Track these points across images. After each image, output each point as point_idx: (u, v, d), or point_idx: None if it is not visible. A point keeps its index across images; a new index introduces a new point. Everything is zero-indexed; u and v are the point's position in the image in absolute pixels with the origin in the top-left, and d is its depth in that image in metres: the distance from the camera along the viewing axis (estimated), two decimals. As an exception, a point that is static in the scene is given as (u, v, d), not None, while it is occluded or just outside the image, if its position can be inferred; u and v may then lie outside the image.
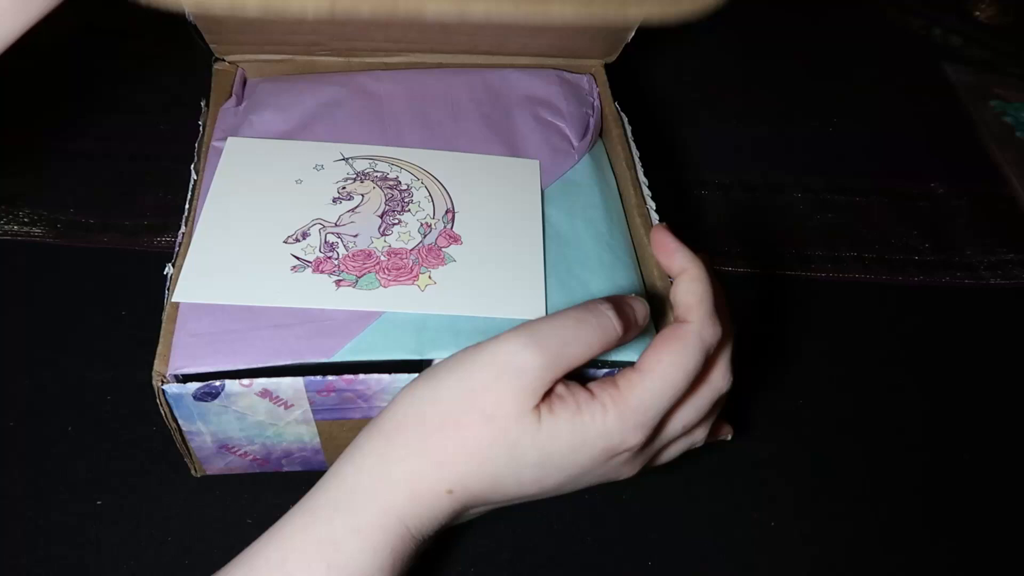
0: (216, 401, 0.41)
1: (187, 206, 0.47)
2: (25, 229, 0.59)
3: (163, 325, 0.43)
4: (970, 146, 0.75)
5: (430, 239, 0.44)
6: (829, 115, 0.77)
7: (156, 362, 0.41)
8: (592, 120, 0.56)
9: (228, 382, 0.41)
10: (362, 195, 0.46)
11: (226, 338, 0.41)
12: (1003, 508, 0.51)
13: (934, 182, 0.71)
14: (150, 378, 0.41)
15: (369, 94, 0.55)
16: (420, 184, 0.47)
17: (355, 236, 0.44)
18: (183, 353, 0.41)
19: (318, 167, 0.47)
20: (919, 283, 0.63)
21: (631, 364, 0.43)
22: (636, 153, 0.56)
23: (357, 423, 0.43)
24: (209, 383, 0.40)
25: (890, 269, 0.64)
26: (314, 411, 0.43)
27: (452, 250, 0.44)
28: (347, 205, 0.45)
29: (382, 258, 0.43)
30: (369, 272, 0.43)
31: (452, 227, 0.45)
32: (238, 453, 0.46)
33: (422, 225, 0.45)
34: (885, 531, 0.49)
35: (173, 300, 0.41)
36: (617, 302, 0.37)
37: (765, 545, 0.48)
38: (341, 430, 0.44)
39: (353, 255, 0.43)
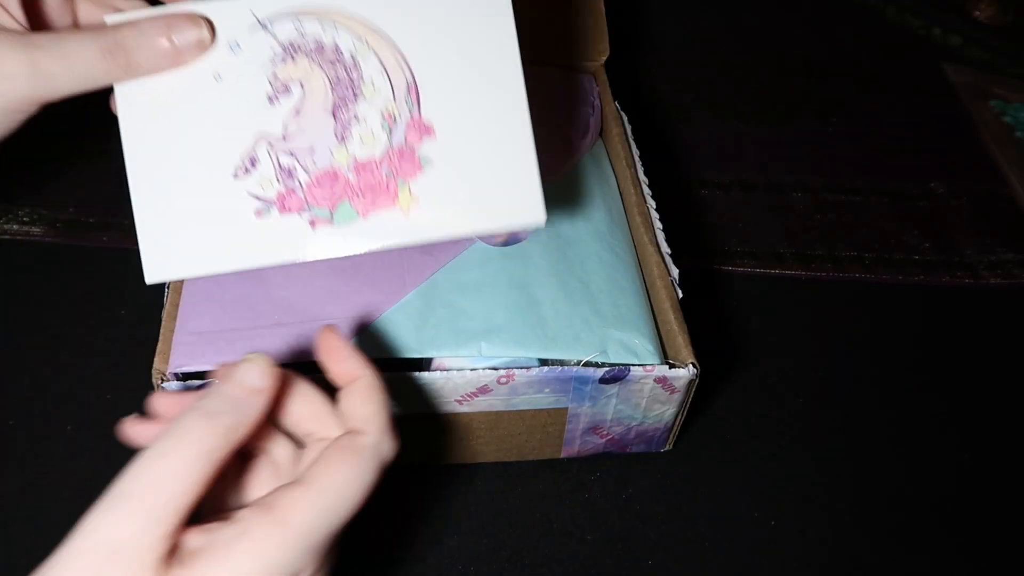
0: (216, 400, 0.41)
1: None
2: (25, 229, 0.59)
3: (163, 323, 0.43)
4: (970, 146, 0.75)
5: (398, 136, 0.37)
6: (829, 115, 0.77)
7: (156, 360, 0.41)
8: (592, 119, 0.56)
9: (228, 381, 0.40)
10: (301, 83, 0.36)
11: (226, 336, 0.42)
12: (1003, 507, 0.51)
13: (934, 182, 0.71)
14: (150, 377, 0.41)
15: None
16: (366, 47, 0.37)
17: (310, 150, 0.37)
18: (183, 351, 0.41)
19: (233, 46, 0.36)
20: (919, 283, 0.63)
21: (625, 366, 0.43)
22: (636, 152, 0.56)
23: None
24: (209, 381, 0.40)
25: (890, 269, 0.64)
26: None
27: (427, 149, 0.37)
28: (287, 103, 0.36)
29: (350, 177, 0.37)
30: (342, 200, 0.37)
31: (420, 112, 0.37)
32: (238, 452, 0.46)
33: (384, 117, 0.37)
34: (885, 531, 0.49)
35: (147, 281, 0.36)
36: (210, 397, 0.30)
37: (765, 545, 0.48)
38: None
39: (317, 179, 0.37)
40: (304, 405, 0.33)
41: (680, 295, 0.47)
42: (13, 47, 0.32)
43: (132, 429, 0.33)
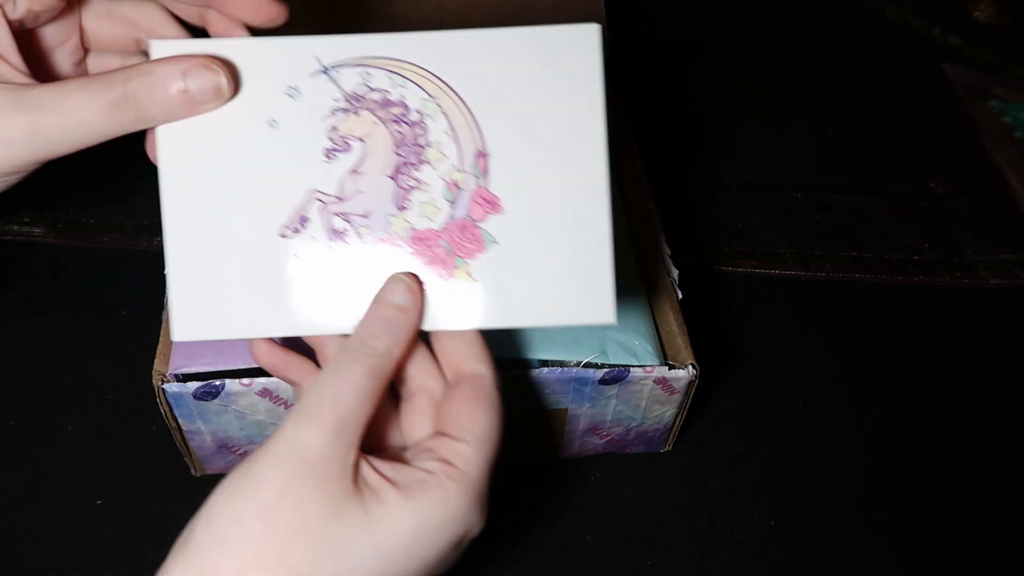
0: (216, 400, 0.41)
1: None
2: (26, 229, 0.59)
3: (163, 325, 0.43)
4: (970, 146, 0.75)
5: (461, 208, 0.34)
6: (829, 115, 0.77)
7: (156, 361, 0.41)
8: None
9: (228, 381, 0.41)
10: (362, 140, 0.34)
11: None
12: (1003, 507, 0.51)
13: (934, 182, 0.71)
14: (150, 377, 0.41)
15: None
16: (435, 106, 0.33)
17: (366, 216, 0.34)
18: (183, 352, 0.41)
19: (292, 92, 0.33)
20: (919, 283, 0.63)
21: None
22: (637, 153, 0.56)
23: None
24: (209, 382, 0.40)
25: (890, 269, 0.64)
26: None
27: (491, 225, 0.34)
28: (345, 161, 0.33)
29: (406, 249, 0.34)
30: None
31: (487, 182, 0.34)
32: (238, 452, 0.46)
33: (448, 185, 0.34)
34: (885, 531, 0.49)
35: (173, 339, 0.34)
36: (364, 322, 0.33)
37: (765, 545, 0.48)
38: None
39: (370, 248, 0.34)
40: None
41: (680, 296, 0.47)
42: (13, 109, 0.30)
43: (258, 346, 0.35)
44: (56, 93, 0.30)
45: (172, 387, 0.40)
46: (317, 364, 0.36)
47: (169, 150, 0.33)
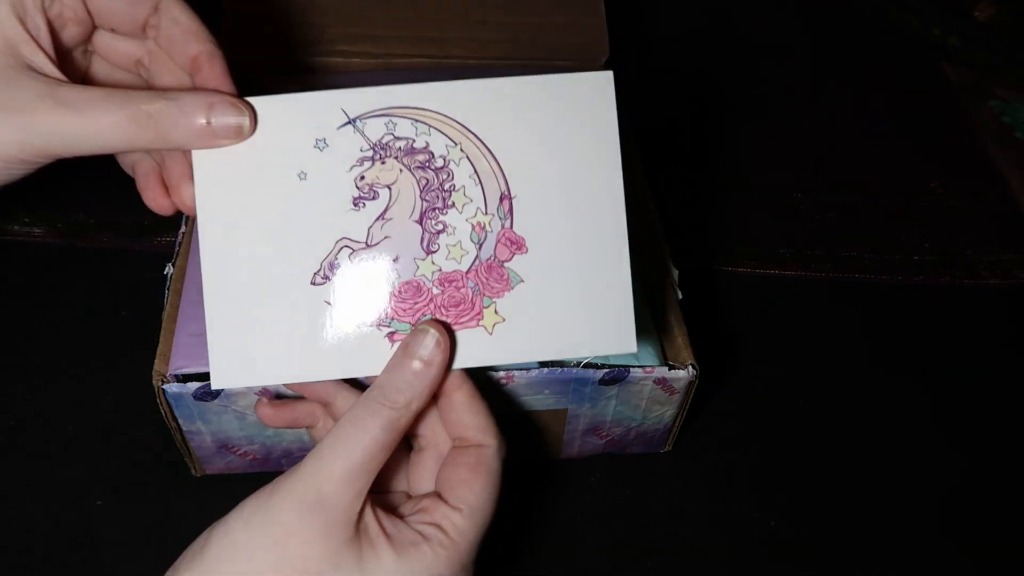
0: (216, 401, 0.41)
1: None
2: (26, 230, 0.59)
3: (163, 325, 0.43)
4: (970, 146, 0.75)
5: (487, 250, 0.35)
6: (829, 115, 0.77)
7: (156, 362, 0.41)
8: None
9: (228, 382, 0.41)
10: (389, 187, 0.35)
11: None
12: (1003, 508, 0.51)
13: (934, 182, 0.71)
14: (150, 377, 0.41)
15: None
16: (460, 152, 0.35)
17: (395, 260, 0.35)
18: (183, 353, 0.41)
19: (320, 144, 0.34)
20: (919, 283, 0.63)
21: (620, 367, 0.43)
22: (637, 152, 0.56)
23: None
24: (209, 383, 0.40)
25: (890, 269, 0.64)
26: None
27: (517, 264, 0.35)
28: (373, 209, 0.34)
29: (434, 291, 0.35)
30: (424, 315, 0.35)
31: (512, 225, 0.35)
32: (238, 453, 0.46)
33: (474, 228, 0.35)
34: (885, 531, 0.49)
35: (213, 387, 0.35)
36: (389, 372, 0.34)
37: (765, 545, 0.48)
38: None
39: (399, 291, 0.35)
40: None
41: (680, 296, 0.47)
42: (42, 101, 0.31)
43: (263, 410, 0.38)
44: (84, 96, 0.31)
45: (172, 387, 0.40)
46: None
47: (206, 202, 0.34)
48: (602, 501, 0.49)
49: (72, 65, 0.36)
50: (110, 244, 0.59)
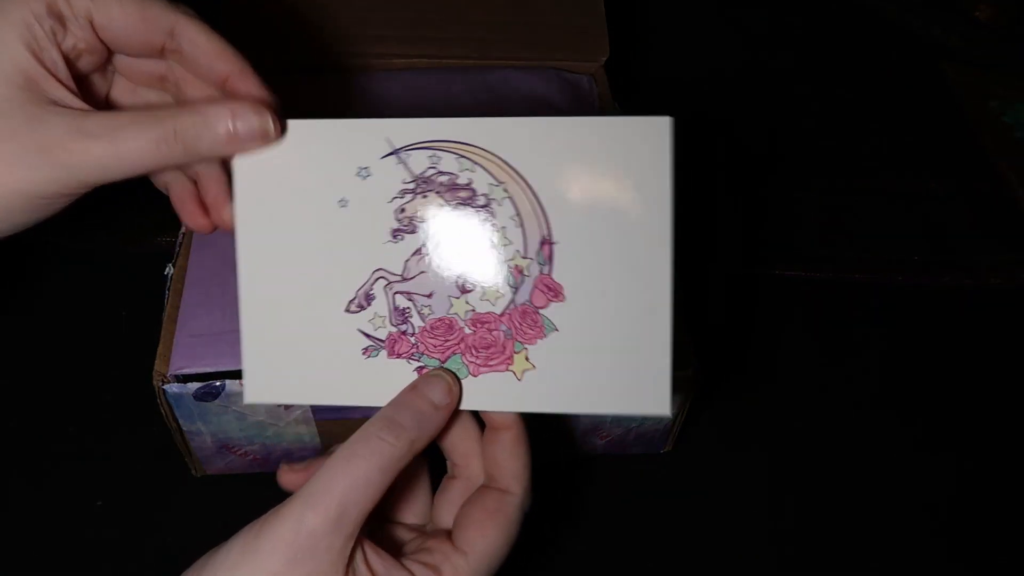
0: (216, 401, 0.41)
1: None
2: (25, 229, 0.59)
3: (163, 325, 0.43)
4: (970, 146, 0.75)
5: (523, 294, 0.34)
6: (829, 115, 0.77)
7: (157, 362, 0.41)
8: (592, 120, 0.56)
9: (228, 382, 0.41)
10: (428, 222, 0.34)
11: (226, 338, 0.41)
12: (1004, 508, 0.51)
13: (934, 182, 0.71)
14: (150, 378, 0.41)
15: (369, 96, 0.55)
16: (502, 191, 0.34)
17: (429, 296, 0.34)
18: (184, 353, 0.41)
19: (362, 172, 0.34)
20: (919, 283, 0.63)
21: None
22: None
23: (357, 423, 0.43)
24: (209, 383, 0.41)
25: (890, 269, 0.64)
26: (314, 411, 0.43)
27: (553, 312, 0.34)
28: (411, 242, 0.34)
29: (466, 330, 0.34)
30: (454, 353, 0.34)
31: (551, 271, 0.34)
32: (238, 453, 0.46)
33: (512, 271, 0.34)
34: (885, 532, 0.49)
35: (245, 402, 0.36)
36: (395, 407, 0.33)
37: (765, 545, 0.48)
38: (341, 429, 0.44)
39: (432, 327, 0.34)
40: (461, 436, 0.35)
41: (680, 296, 0.47)
42: (71, 135, 0.31)
43: (285, 477, 0.35)
44: (111, 124, 0.31)
45: (172, 388, 0.40)
46: None
47: (246, 225, 0.34)
48: (602, 501, 0.49)
49: (94, 89, 0.36)
50: (110, 244, 0.59)
